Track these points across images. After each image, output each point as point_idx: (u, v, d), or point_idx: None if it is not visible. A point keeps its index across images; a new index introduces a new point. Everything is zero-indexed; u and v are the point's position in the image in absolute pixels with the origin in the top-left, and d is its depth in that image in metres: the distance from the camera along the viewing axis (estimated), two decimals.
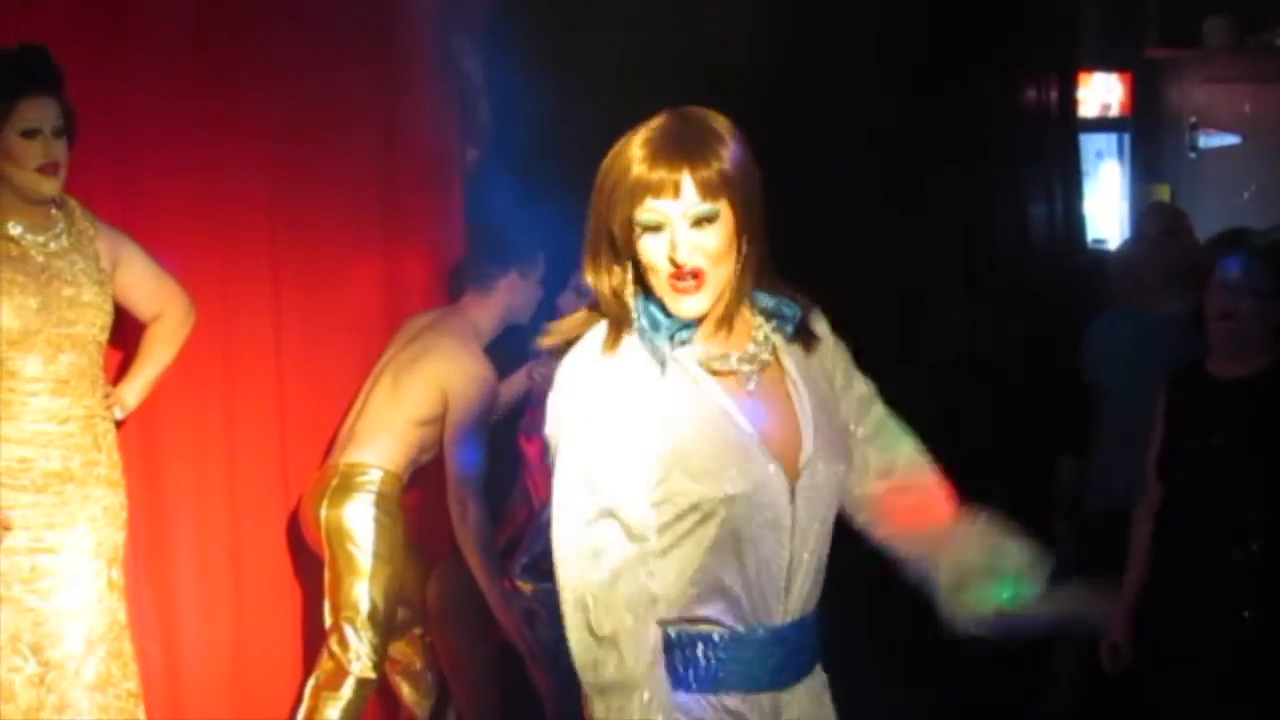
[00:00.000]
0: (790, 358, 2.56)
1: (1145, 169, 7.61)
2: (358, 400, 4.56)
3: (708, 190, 2.35)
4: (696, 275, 2.38)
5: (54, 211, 3.99)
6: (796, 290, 2.59)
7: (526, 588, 4.41)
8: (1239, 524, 3.91)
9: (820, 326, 2.63)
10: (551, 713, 4.43)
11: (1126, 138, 7.64)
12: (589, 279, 2.50)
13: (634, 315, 2.46)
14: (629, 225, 2.41)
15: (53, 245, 3.99)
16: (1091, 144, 7.24)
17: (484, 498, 4.41)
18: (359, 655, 4.31)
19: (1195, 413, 4.02)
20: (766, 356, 2.52)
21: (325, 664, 4.35)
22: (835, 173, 4.93)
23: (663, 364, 2.44)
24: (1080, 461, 4.89)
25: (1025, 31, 5.99)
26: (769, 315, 2.55)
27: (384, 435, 4.45)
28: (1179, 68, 7.58)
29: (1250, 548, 3.89)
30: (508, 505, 4.53)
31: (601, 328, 2.47)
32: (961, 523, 2.66)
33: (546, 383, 4.54)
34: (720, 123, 2.44)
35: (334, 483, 4.40)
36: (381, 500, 4.39)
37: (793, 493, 2.43)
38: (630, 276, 2.48)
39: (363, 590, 4.34)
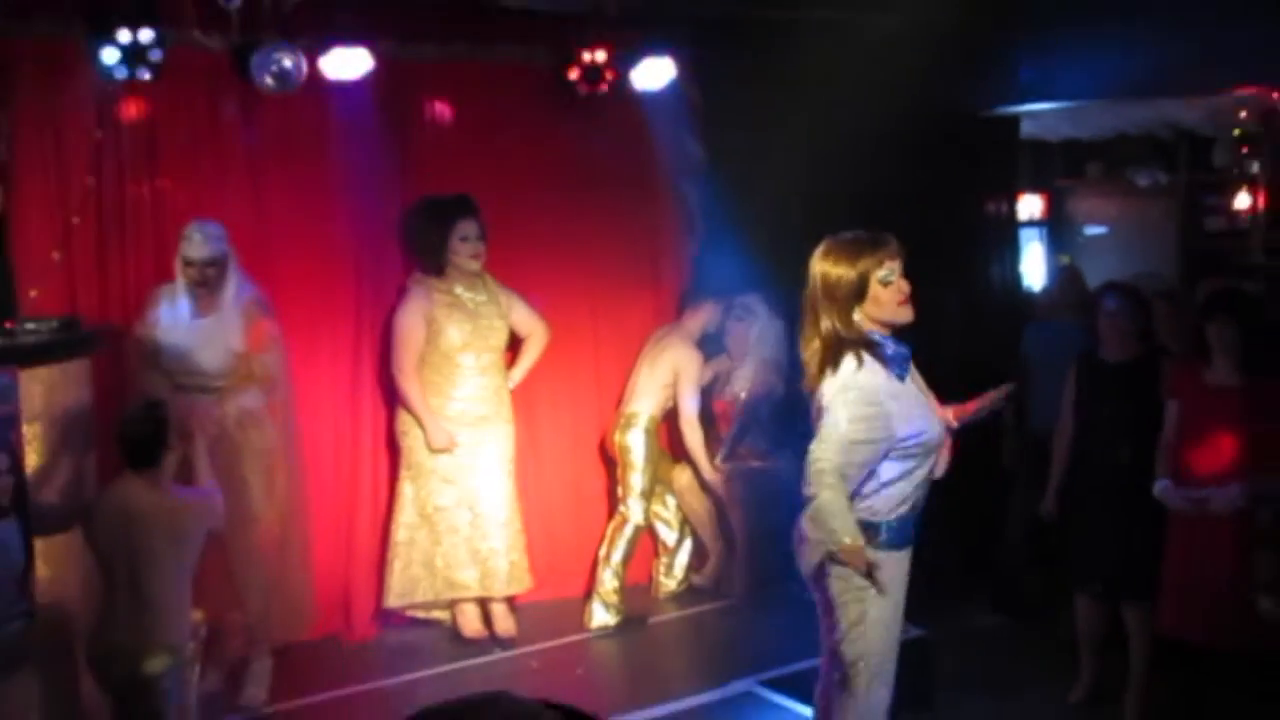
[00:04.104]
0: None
1: (1055, 247, 8.83)
2: (632, 375, 6.25)
3: (903, 257, 3.33)
4: (912, 299, 3.31)
5: (479, 279, 5.58)
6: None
7: (724, 467, 6.18)
8: (1119, 445, 4.89)
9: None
10: (738, 527, 6.20)
11: (1045, 230, 8.87)
12: (831, 333, 3.26)
13: (874, 341, 3.24)
14: (864, 287, 3.21)
15: (479, 298, 5.58)
16: (1026, 235, 8.40)
17: (699, 423, 6.12)
18: (635, 512, 6.07)
19: (1093, 382, 5.01)
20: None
21: (617, 517, 6.13)
22: None
23: (888, 366, 3.26)
24: (1015, 407, 5.82)
25: (986, 169, 7.27)
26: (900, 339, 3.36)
27: (646, 395, 6.12)
28: (1074, 190, 8.93)
29: (1121, 460, 4.89)
30: (712, 429, 6.28)
31: (848, 360, 3.25)
32: None
33: (715, 374, 6.55)
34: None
35: (622, 421, 6.15)
36: (647, 430, 6.10)
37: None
38: (858, 324, 3.24)
39: (637, 478, 6.07)
